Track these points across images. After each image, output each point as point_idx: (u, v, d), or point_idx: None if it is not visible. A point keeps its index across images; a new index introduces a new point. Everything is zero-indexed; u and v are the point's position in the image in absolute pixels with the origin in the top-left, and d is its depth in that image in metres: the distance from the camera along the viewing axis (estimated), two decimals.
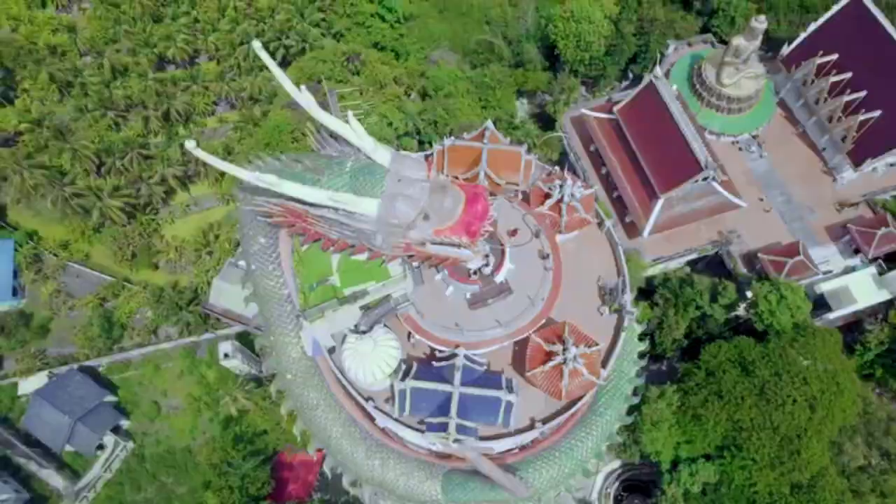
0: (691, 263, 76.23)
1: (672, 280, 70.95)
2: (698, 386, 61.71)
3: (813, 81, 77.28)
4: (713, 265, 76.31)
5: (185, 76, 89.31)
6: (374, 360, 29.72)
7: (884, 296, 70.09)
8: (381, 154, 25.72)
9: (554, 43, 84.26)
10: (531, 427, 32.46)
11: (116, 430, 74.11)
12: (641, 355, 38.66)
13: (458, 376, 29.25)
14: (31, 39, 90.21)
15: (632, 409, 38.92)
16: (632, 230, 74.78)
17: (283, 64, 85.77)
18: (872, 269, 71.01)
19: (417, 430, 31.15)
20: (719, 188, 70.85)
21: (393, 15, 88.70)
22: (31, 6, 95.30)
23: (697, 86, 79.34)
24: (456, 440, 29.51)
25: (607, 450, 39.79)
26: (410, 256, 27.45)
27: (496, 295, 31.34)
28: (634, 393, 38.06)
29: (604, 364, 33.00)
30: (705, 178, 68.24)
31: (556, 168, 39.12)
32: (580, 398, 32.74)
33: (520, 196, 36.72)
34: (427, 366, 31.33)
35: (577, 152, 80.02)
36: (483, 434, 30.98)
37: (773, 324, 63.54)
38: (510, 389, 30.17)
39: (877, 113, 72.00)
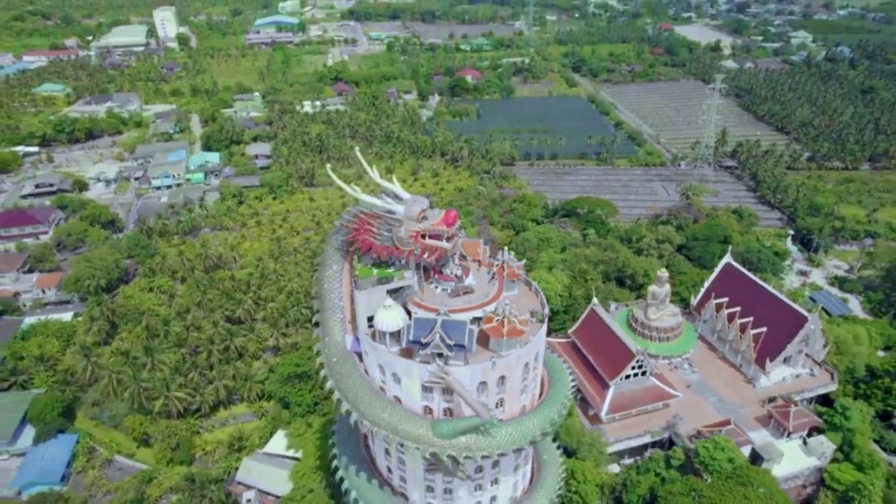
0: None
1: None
2: None
3: (716, 317, 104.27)
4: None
5: (246, 329, 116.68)
6: (391, 315, 49.45)
7: (812, 462, 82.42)
8: (407, 195, 52.12)
9: None
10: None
11: None
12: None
13: (439, 321, 48.49)
14: (138, 305, 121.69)
15: None
16: (595, 420, 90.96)
17: None
18: (799, 441, 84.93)
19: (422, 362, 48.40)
20: (655, 381, 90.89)
21: None
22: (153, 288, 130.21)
23: (633, 324, 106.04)
24: (440, 355, 47.17)
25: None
26: (418, 252, 50.59)
27: (464, 291, 52.83)
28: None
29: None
30: (640, 364, 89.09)
31: (504, 251, 62.11)
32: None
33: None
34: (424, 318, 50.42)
35: None
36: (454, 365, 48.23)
37: (714, 466, 75.51)
38: (470, 331, 48.66)
39: (763, 329, 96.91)
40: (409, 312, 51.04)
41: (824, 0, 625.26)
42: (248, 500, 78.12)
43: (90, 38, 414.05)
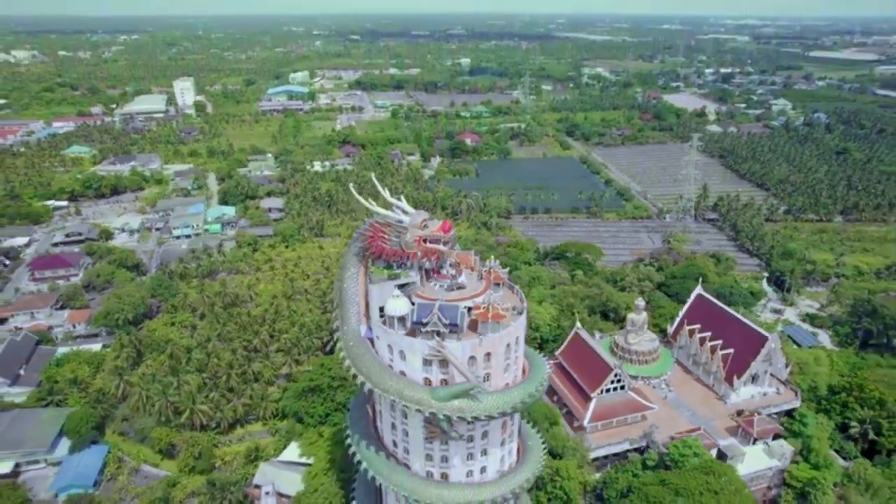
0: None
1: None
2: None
3: (690, 342, 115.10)
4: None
5: (262, 357, 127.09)
6: (399, 302, 61.26)
7: (774, 463, 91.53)
8: (412, 209, 65.09)
9: None
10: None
11: None
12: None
13: (436, 305, 60.18)
14: (162, 337, 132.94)
15: None
16: (579, 429, 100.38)
17: None
18: (763, 446, 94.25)
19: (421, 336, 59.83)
20: (633, 394, 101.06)
21: None
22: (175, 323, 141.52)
23: (615, 350, 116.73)
24: (438, 333, 58.69)
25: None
26: (420, 254, 63.01)
27: (458, 287, 64.81)
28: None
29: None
30: (618, 379, 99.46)
31: (491, 259, 73.81)
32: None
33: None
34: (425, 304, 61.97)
35: None
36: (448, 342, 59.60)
37: (682, 462, 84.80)
38: (462, 313, 60.24)
39: (731, 350, 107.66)
40: (413, 303, 62.90)
41: (804, 72, 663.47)
42: (267, 493, 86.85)
43: (114, 105, 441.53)
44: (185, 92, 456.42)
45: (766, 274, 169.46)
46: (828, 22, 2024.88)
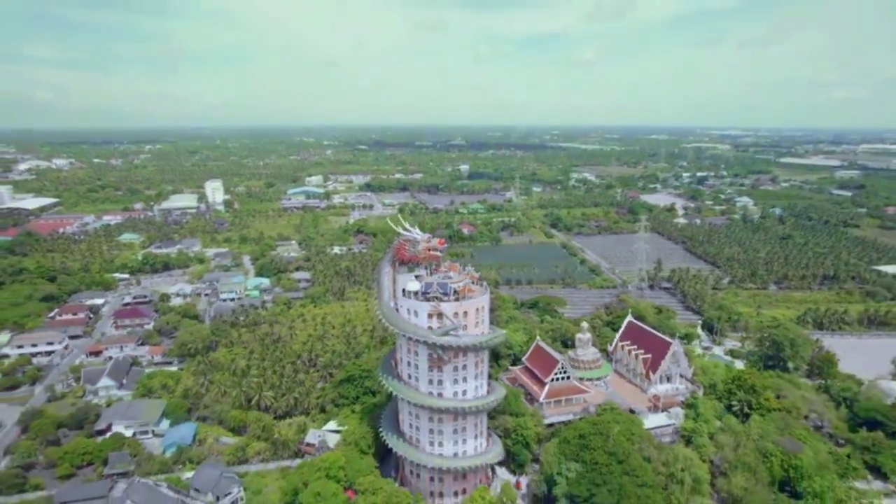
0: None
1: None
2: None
3: (622, 351, 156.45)
4: None
5: (304, 371, 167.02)
6: (415, 283, 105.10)
7: (671, 421, 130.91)
8: (421, 233, 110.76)
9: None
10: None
11: None
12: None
13: (436, 281, 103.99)
14: (228, 359, 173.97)
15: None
16: (537, 405, 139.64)
17: None
18: (665, 413, 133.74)
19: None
20: (576, 382, 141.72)
21: None
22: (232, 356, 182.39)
23: (571, 361, 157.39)
24: (436, 297, 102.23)
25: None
26: (426, 257, 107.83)
27: (447, 278, 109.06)
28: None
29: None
30: (564, 370, 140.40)
31: (469, 266, 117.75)
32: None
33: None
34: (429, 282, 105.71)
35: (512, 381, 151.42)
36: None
37: (609, 419, 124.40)
38: (451, 287, 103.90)
39: (649, 356, 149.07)
40: (422, 283, 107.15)
41: (772, 175, 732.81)
42: (320, 437, 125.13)
43: (152, 203, 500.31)
44: (216, 191, 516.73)
45: (700, 321, 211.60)
46: (805, 133, 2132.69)
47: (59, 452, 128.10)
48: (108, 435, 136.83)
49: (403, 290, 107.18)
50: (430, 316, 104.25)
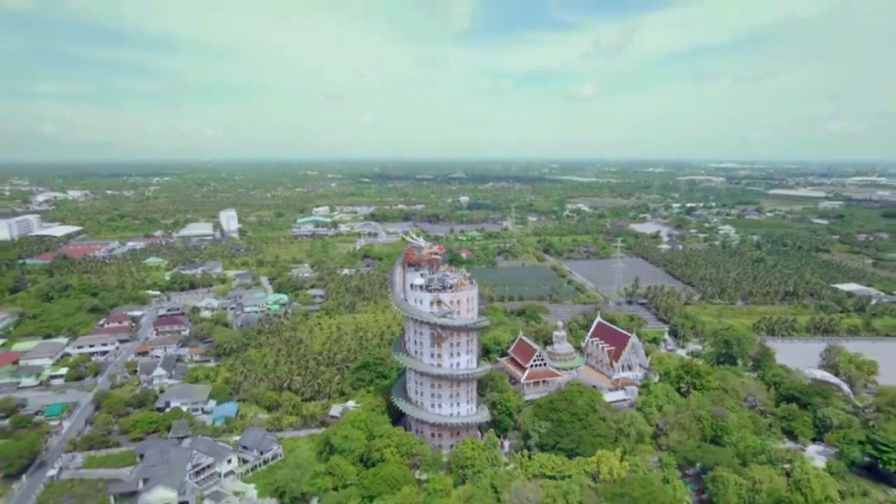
0: None
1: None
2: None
3: (592, 346, 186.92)
4: None
5: (325, 364, 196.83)
6: (420, 279, 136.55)
7: (627, 396, 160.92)
8: (425, 242, 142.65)
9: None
10: None
11: None
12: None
13: (437, 276, 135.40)
14: (258, 356, 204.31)
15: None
16: (519, 387, 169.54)
17: None
18: (623, 390, 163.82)
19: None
20: (552, 368, 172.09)
21: None
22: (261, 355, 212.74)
23: (549, 354, 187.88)
24: (437, 289, 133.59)
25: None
26: (428, 259, 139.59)
27: (445, 276, 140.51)
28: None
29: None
30: (541, 358, 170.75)
31: (463, 268, 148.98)
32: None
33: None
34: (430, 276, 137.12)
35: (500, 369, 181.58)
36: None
37: (575, 391, 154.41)
38: (449, 281, 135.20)
39: (613, 347, 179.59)
40: (424, 278, 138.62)
41: (757, 206, 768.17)
42: (341, 410, 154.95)
43: (170, 230, 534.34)
44: (230, 219, 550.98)
45: (667, 328, 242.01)
46: (799, 165, 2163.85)
47: (131, 422, 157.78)
48: (167, 410, 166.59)
49: (411, 285, 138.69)
50: (431, 304, 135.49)
